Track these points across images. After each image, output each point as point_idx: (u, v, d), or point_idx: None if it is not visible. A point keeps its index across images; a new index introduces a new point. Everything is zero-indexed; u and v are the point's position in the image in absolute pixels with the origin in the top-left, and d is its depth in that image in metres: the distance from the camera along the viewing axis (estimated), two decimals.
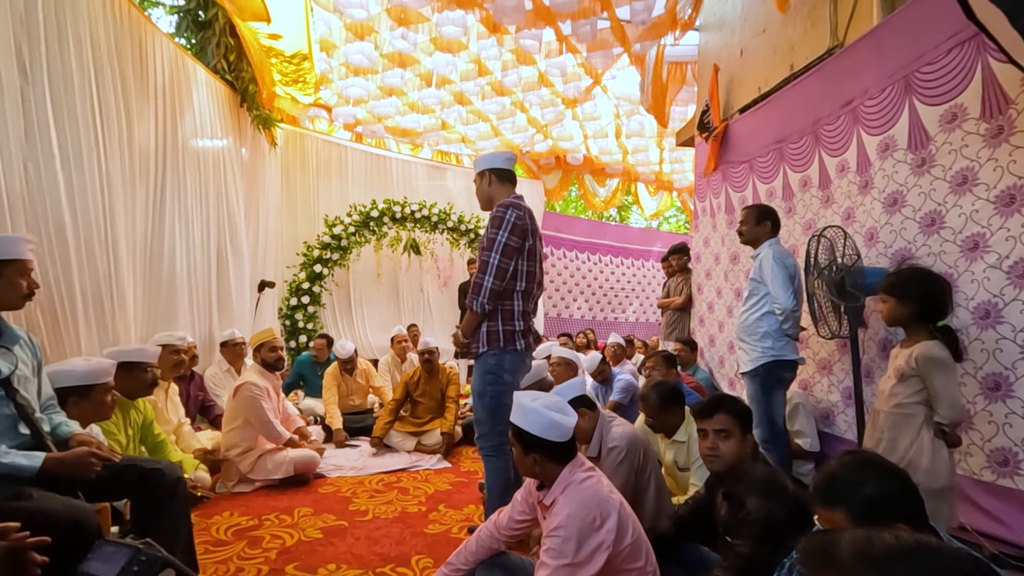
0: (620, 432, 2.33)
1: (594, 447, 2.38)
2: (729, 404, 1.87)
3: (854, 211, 3.07)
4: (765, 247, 2.93)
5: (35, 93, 2.78)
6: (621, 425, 2.39)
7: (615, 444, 2.28)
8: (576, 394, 2.32)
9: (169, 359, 3.34)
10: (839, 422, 3.24)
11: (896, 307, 2.13)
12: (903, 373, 2.09)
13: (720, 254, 4.63)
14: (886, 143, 2.82)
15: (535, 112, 7.39)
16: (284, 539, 2.67)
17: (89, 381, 2.25)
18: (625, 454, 2.27)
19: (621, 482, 2.20)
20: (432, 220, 7.27)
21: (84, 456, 1.75)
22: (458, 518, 2.98)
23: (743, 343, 2.99)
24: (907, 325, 2.15)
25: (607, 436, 2.34)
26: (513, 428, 1.76)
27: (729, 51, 4.63)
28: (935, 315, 2.09)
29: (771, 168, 3.89)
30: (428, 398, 4.49)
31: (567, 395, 2.25)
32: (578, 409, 2.29)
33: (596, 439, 2.37)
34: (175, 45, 4.17)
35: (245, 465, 3.36)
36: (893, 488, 1.20)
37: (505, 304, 2.47)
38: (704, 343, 4.83)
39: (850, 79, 3.10)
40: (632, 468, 2.28)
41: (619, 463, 2.26)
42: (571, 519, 1.58)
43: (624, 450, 2.28)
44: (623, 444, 2.28)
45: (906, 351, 2.11)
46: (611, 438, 2.31)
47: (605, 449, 2.33)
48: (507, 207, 2.43)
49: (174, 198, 4.14)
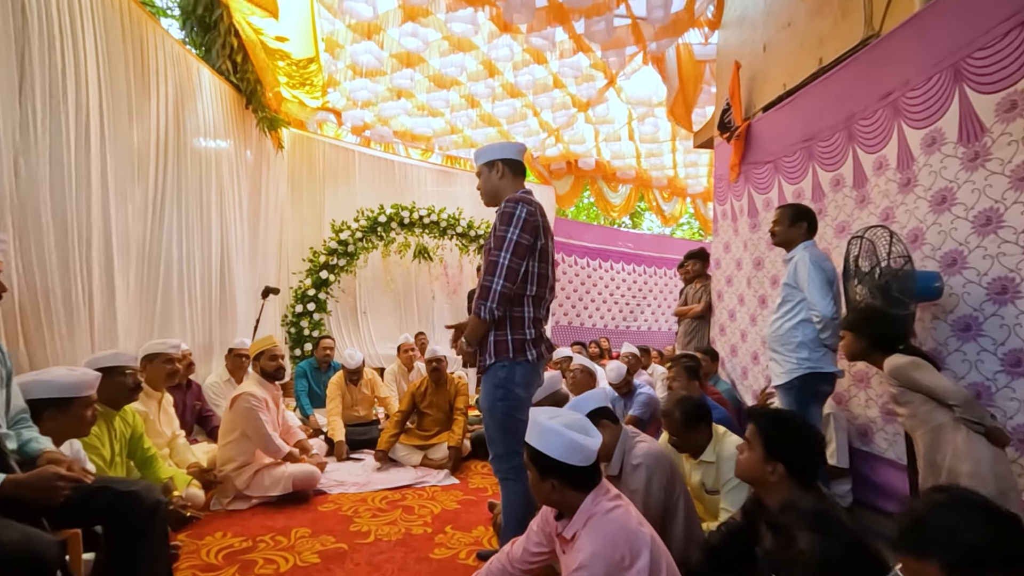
0: (645, 449, 2.11)
1: (615, 465, 2.16)
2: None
3: (894, 211, 2.84)
4: (800, 249, 2.72)
5: (28, 89, 2.63)
6: (645, 441, 2.17)
7: (639, 461, 2.06)
8: (597, 405, 2.10)
9: (162, 368, 3.16)
10: (878, 440, 2.99)
11: (852, 341, 2.29)
12: (893, 395, 2.14)
13: (742, 259, 4.40)
14: (932, 136, 2.59)
15: (546, 116, 7.22)
16: (278, 564, 2.47)
17: (69, 394, 2.06)
18: (651, 473, 2.05)
19: (647, 505, 1.98)
20: (441, 226, 7.10)
21: (49, 478, 1.56)
22: (466, 541, 2.76)
23: (776, 354, 2.76)
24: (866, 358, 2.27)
25: (630, 453, 2.12)
26: (529, 450, 1.55)
27: (751, 47, 4.43)
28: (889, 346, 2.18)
29: (799, 168, 3.67)
30: (435, 410, 4.29)
31: (586, 407, 2.04)
32: (599, 422, 2.08)
33: (617, 456, 2.15)
34: (178, 44, 4.04)
35: (241, 481, 3.17)
36: (997, 535, 0.98)
37: (515, 311, 2.24)
38: (725, 353, 4.59)
39: (889, 70, 2.88)
40: (660, 488, 2.06)
41: (645, 483, 2.04)
42: (596, 558, 1.37)
43: (650, 468, 2.05)
44: (649, 461, 2.06)
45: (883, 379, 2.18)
46: (635, 455, 2.09)
47: (628, 467, 2.10)
48: (517, 202, 2.21)
49: (174, 201, 4.00)
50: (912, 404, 1.98)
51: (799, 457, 1.59)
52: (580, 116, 7.29)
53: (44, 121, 2.72)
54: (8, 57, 2.54)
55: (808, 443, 1.61)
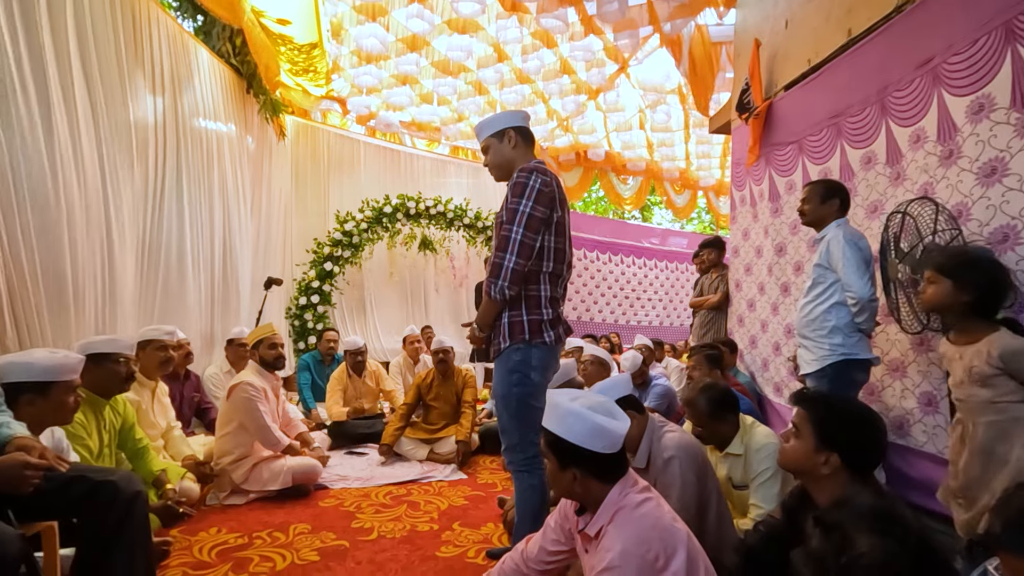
0: (675, 440, 1.92)
1: (641, 457, 1.98)
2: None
3: (933, 186, 2.64)
4: (832, 227, 2.52)
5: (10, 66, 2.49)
6: (675, 431, 1.98)
7: (671, 454, 1.87)
8: (623, 393, 1.93)
9: (156, 356, 3.01)
10: (915, 432, 2.79)
11: (951, 292, 1.83)
12: (982, 375, 1.76)
13: (762, 246, 4.20)
14: (980, 103, 2.39)
15: (555, 104, 7.04)
16: (275, 561, 2.31)
17: (49, 377, 1.90)
18: (686, 466, 1.86)
19: (684, 502, 1.81)
20: (448, 216, 6.94)
21: (15, 465, 1.41)
22: (475, 539, 2.60)
23: (806, 340, 2.57)
24: (957, 315, 1.86)
25: (658, 444, 1.94)
26: (547, 435, 1.38)
27: (772, 24, 4.22)
28: (990, 310, 1.82)
29: (825, 146, 3.47)
30: (442, 402, 4.13)
31: (613, 395, 1.87)
32: (625, 412, 1.91)
33: (644, 448, 1.97)
34: (174, 22, 3.90)
35: (239, 475, 3.03)
36: None
37: (531, 289, 2.08)
38: (744, 345, 4.40)
39: (928, 35, 2.68)
40: (695, 483, 1.88)
41: (680, 477, 1.85)
42: (627, 557, 1.20)
43: (683, 461, 1.87)
44: (681, 454, 1.87)
45: (971, 348, 1.80)
46: (665, 446, 1.90)
47: (659, 460, 1.91)
48: (531, 172, 2.04)
49: (173, 187, 3.86)
50: (996, 388, 1.73)
51: (859, 446, 1.41)
52: (590, 105, 7.11)
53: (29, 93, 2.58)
54: None
55: (870, 430, 1.42)
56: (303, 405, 4.83)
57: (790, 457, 1.49)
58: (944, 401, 2.52)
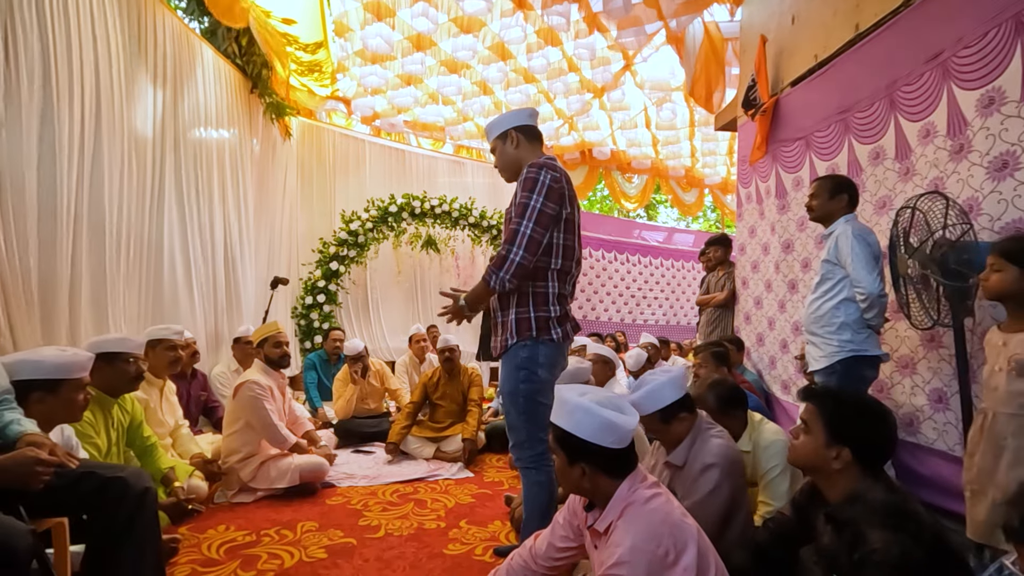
0: (721, 448, 1.86)
1: (679, 455, 1.92)
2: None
3: (944, 181, 2.61)
4: (841, 223, 2.51)
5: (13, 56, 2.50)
6: (720, 436, 1.93)
7: (713, 461, 1.82)
8: (679, 395, 1.89)
9: (165, 355, 3.03)
10: (925, 429, 2.77)
11: (1018, 278, 1.76)
12: (1021, 364, 1.70)
13: (769, 243, 4.18)
14: (989, 97, 2.37)
15: (560, 103, 7.02)
16: (283, 559, 2.32)
17: (58, 375, 1.91)
18: (724, 478, 1.81)
19: (708, 510, 1.78)
20: (453, 216, 6.94)
21: (26, 462, 1.42)
22: (482, 536, 2.60)
23: (815, 336, 2.55)
24: (1019, 302, 1.79)
25: (702, 447, 1.88)
26: (555, 431, 1.38)
27: (778, 20, 4.19)
28: None
29: (833, 142, 3.44)
30: (448, 401, 4.13)
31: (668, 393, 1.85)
32: (678, 415, 1.89)
33: (685, 447, 1.91)
34: (179, 20, 3.91)
35: (246, 473, 3.04)
36: None
37: (538, 286, 2.07)
38: (752, 342, 4.38)
39: (936, 29, 2.66)
40: (728, 497, 1.83)
41: (714, 486, 1.81)
42: (636, 552, 1.19)
43: (724, 469, 1.82)
44: (724, 463, 1.82)
45: (1017, 337, 1.74)
46: (709, 452, 1.85)
47: (697, 463, 1.86)
48: (540, 167, 2.03)
49: (175, 186, 3.87)
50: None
51: (870, 440, 1.39)
52: (595, 103, 7.08)
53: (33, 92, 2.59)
54: None
55: (880, 424, 1.41)
56: (309, 404, 4.85)
57: (801, 453, 1.47)
58: (955, 398, 2.49)
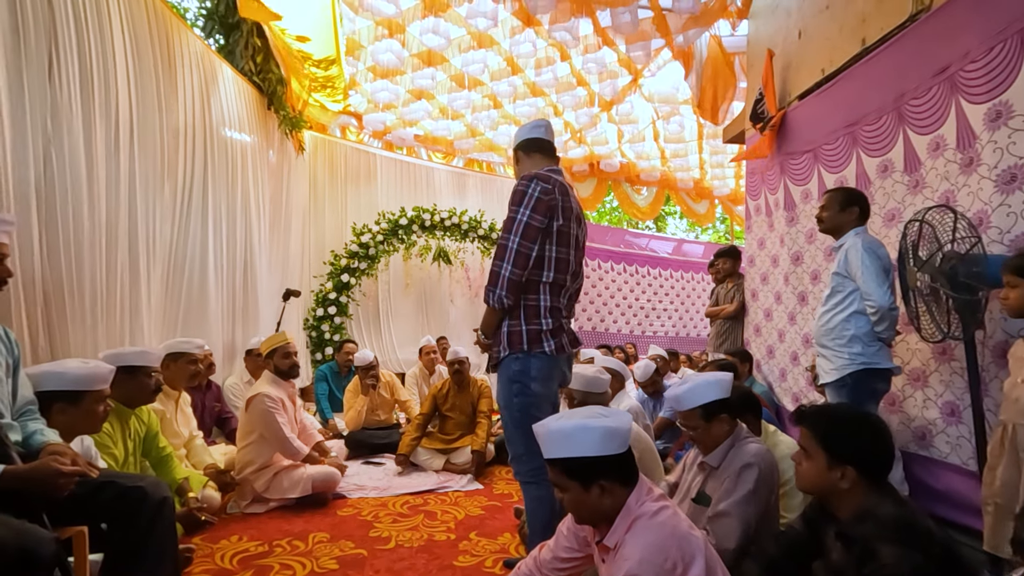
0: (759, 450, 1.91)
1: (716, 456, 1.95)
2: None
3: (954, 194, 2.62)
4: (851, 236, 2.51)
5: (57, 77, 2.61)
6: (758, 442, 1.97)
7: (752, 461, 1.85)
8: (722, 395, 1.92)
9: (185, 369, 3.09)
10: (938, 443, 2.74)
11: None
12: None
13: (778, 255, 4.18)
14: (997, 110, 2.38)
15: (569, 116, 7.09)
16: (295, 569, 2.34)
17: (80, 387, 1.96)
18: (762, 475, 1.85)
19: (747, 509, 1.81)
20: (462, 228, 7.01)
21: (50, 471, 1.46)
22: (492, 548, 2.60)
23: (825, 349, 2.55)
24: None
25: (740, 449, 1.92)
26: (559, 466, 1.36)
27: (785, 34, 4.23)
28: None
29: (841, 155, 3.46)
30: (458, 412, 4.15)
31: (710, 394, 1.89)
32: (720, 415, 1.92)
33: (723, 449, 1.94)
34: (202, 43, 4.03)
35: (261, 483, 3.07)
36: None
37: (529, 298, 2.07)
38: (761, 355, 4.36)
39: (943, 44, 2.68)
40: (766, 495, 1.87)
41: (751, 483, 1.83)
42: (645, 566, 1.21)
43: (762, 470, 1.85)
44: (763, 464, 1.86)
45: None
46: (748, 452, 1.88)
47: (736, 463, 1.88)
48: (530, 179, 2.04)
49: (200, 200, 3.97)
50: None
51: (871, 454, 1.39)
52: (603, 116, 7.15)
53: (75, 110, 2.69)
54: (38, 44, 2.52)
55: (877, 436, 1.41)
56: (320, 415, 4.89)
57: (807, 480, 1.48)
58: (968, 411, 2.47)
